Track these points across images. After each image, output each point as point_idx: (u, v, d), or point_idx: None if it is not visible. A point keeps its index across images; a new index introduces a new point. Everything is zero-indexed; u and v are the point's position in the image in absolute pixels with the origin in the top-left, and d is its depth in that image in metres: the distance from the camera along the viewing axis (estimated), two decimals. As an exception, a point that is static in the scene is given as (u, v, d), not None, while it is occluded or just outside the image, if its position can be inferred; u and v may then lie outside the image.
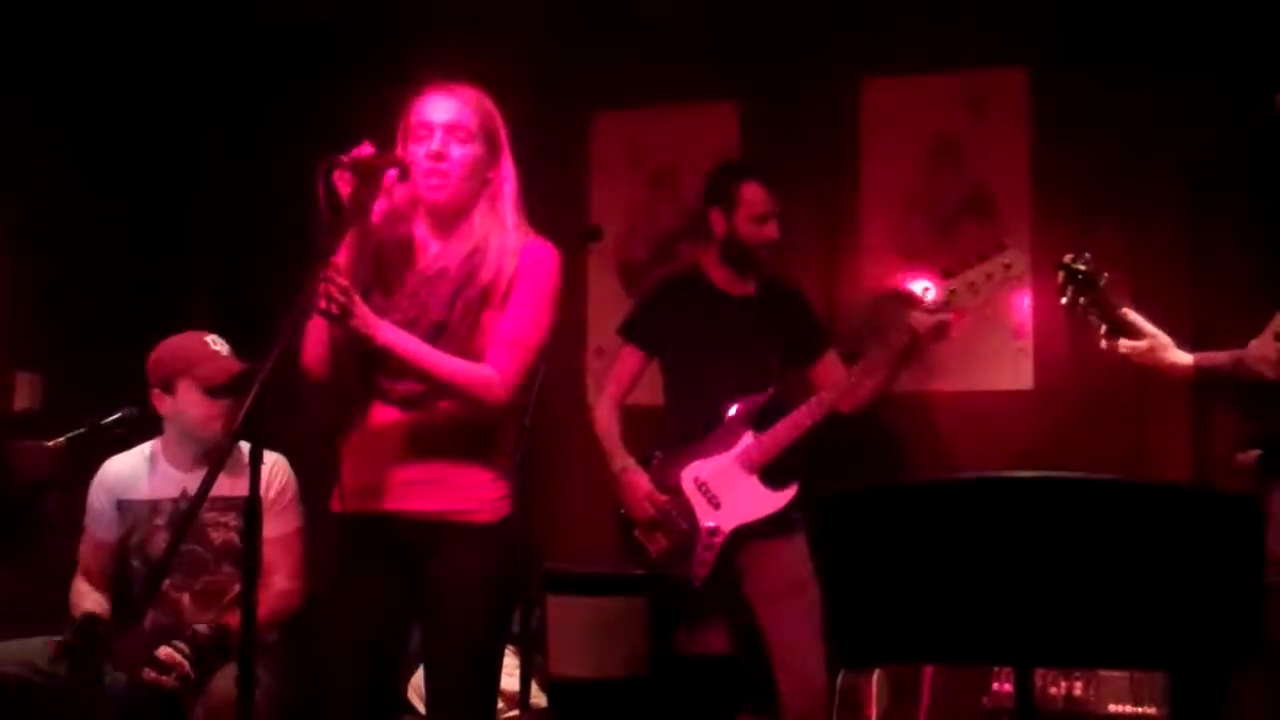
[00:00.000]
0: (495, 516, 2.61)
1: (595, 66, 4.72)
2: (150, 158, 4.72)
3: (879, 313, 4.33)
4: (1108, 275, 3.34)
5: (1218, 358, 3.16)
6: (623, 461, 3.75)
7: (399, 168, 2.56)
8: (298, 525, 3.38)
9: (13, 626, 3.29)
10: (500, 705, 3.30)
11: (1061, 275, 3.35)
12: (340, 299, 2.38)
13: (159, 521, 3.32)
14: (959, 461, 4.18)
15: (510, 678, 3.23)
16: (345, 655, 2.62)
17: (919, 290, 3.94)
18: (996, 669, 3.45)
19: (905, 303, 3.96)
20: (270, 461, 3.26)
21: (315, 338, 2.56)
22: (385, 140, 2.59)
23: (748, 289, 3.81)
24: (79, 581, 3.40)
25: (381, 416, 2.61)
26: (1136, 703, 3.38)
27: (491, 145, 2.64)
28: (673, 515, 3.66)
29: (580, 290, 4.61)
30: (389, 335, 2.47)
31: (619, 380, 3.87)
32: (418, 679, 3.38)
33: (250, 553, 2.15)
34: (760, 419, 3.67)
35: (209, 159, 5.00)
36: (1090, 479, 1.74)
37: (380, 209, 2.58)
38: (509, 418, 2.70)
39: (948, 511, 1.76)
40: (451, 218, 2.64)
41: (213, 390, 3.28)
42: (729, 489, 3.65)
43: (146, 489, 3.36)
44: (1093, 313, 3.33)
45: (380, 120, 2.67)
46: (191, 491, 3.23)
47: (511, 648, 3.43)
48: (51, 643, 3.11)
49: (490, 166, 2.64)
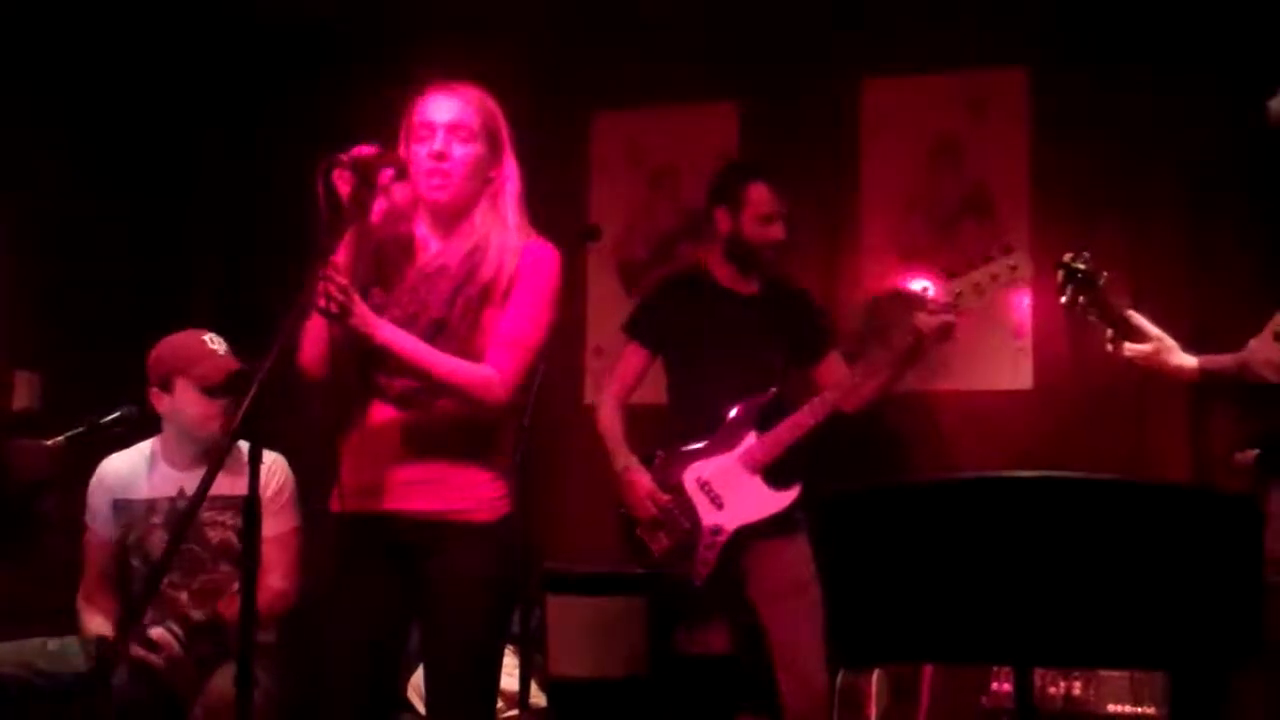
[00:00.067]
0: (495, 516, 2.61)
1: (595, 66, 4.72)
2: (150, 158, 4.72)
3: (880, 313, 4.33)
4: (1107, 275, 3.33)
5: (1222, 361, 3.15)
6: (625, 460, 3.74)
7: (397, 167, 2.56)
8: (295, 525, 3.38)
9: (12, 626, 3.29)
10: (500, 705, 3.30)
11: (1061, 274, 3.35)
12: (339, 298, 2.37)
13: (155, 520, 3.32)
14: (959, 461, 4.17)
15: (510, 677, 3.23)
16: (345, 655, 2.61)
17: (918, 289, 3.94)
18: (996, 669, 3.45)
19: (908, 303, 3.96)
20: (269, 461, 3.26)
21: (314, 337, 2.55)
22: (386, 140, 2.59)
23: (752, 288, 3.81)
24: (82, 600, 3.38)
25: (381, 416, 2.60)
26: (1136, 703, 3.37)
27: (494, 144, 2.64)
28: (675, 514, 3.66)
29: (580, 290, 4.60)
30: (388, 334, 2.47)
31: (622, 379, 3.86)
32: (418, 679, 3.37)
33: (249, 552, 2.15)
34: (762, 419, 3.67)
35: (209, 159, 5.00)
36: (1090, 479, 1.73)
37: (379, 208, 2.58)
38: (508, 417, 2.69)
39: (947, 511, 1.76)
40: (453, 217, 2.63)
41: (210, 389, 3.28)
42: (732, 489, 3.65)
43: (145, 488, 3.36)
44: (1092, 312, 3.33)
45: (380, 120, 2.68)
46: (189, 490, 3.23)
47: (511, 647, 3.43)
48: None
49: (492, 166, 2.64)
